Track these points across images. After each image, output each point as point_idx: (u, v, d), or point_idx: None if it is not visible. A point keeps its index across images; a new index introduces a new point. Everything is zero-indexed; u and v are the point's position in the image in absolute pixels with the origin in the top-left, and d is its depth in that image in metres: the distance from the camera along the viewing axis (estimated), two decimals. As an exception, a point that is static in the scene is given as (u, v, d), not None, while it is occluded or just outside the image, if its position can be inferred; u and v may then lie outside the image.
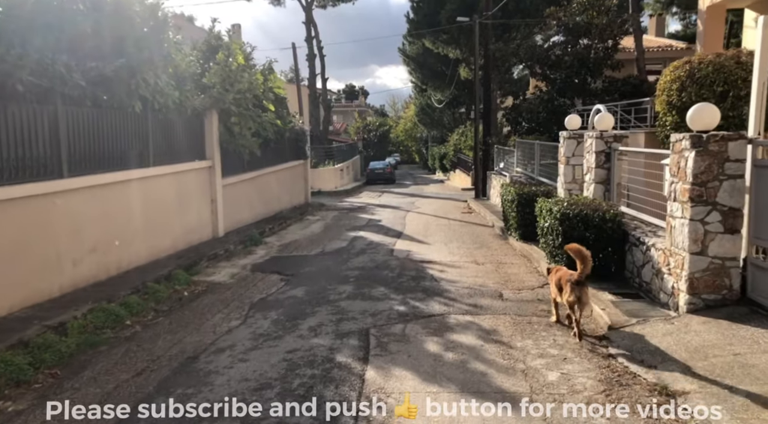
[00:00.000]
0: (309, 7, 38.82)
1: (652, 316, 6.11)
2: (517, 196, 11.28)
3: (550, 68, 19.11)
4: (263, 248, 12.33)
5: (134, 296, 7.56)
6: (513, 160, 18.33)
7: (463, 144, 34.93)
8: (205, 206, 12.24)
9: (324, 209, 20.70)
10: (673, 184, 6.20)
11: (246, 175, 14.77)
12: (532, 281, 8.69)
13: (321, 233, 14.62)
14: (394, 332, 6.30)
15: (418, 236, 13.49)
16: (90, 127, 8.13)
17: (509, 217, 12.11)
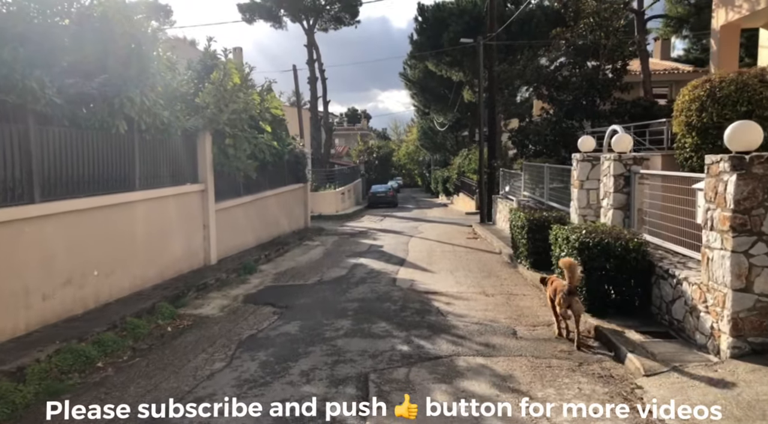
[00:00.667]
0: (311, 30, 38.74)
1: (689, 361, 5.38)
2: (527, 223, 10.60)
3: (557, 90, 18.57)
4: (258, 276, 11.62)
5: (110, 333, 6.86)
6: (520, 183, 17.69)
7: (467, 167, 34.39)
8: (197, 232, 11.58)
9: (324, 234, 20.04)
10: (710, 212, 5.53)
11: (242, 199, 14.15)
12: (547, 315, 7.95)
13: (320, 259, 13.92)
14: (396, 377, 5.57)
15: (422, 264, 12.78)
16: (67, 148, 7.50)
17: (519, 244, 11.41)
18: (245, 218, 14.42)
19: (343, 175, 39.84)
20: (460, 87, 35.65)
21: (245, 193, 14.44)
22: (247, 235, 14.58)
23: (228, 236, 13.12)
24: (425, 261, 13.16)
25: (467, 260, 13.30)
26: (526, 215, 10.83)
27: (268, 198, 16.59)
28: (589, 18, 18.41)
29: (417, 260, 13.41)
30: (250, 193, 14.76)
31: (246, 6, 38.52)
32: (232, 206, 13.40)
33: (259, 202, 15.61)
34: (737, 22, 14.42)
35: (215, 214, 12.22)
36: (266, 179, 16.25)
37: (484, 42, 22.04)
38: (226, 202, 13.02)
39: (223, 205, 12.75)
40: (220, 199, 12.55)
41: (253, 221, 15.12)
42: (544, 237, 9.57)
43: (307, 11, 38.10)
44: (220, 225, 12.47)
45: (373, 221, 26.40)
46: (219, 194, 12.45)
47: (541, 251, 10.00)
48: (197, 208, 11.62)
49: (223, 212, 12.76)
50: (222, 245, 12.68)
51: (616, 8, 18.54)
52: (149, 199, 9.60)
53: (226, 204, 12.96)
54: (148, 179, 9.70)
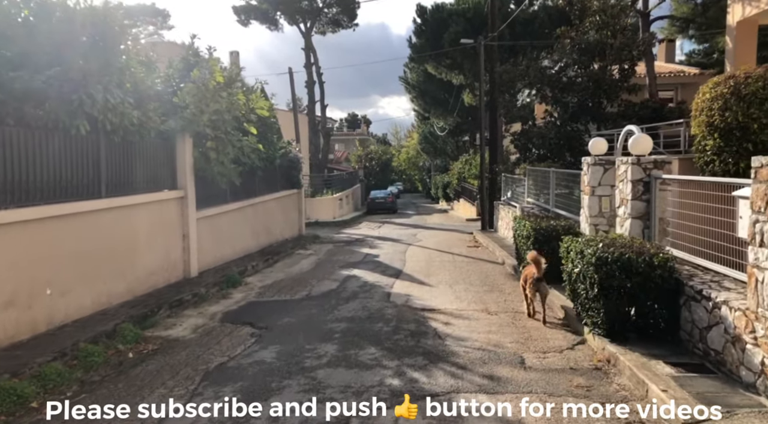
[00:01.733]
0: (308, 33, 37.91)
1: (738, 405, 4.46)
2: (533, 232, 9.70)
3: (561, 91, 17.68)
4: (242, 290, 10.71)
5: (57, 364, 5.94)
6: (523, 189, 16.78)
7: (467, 172, 33.48)
8: (176, 243, 10.68)
9: (318, 242, 19.14)
10: (759, 224, 4.62)
11: (228, 206, 13.26)
12: (558, 338, 7.06)
13: (311, 270, 13.02)
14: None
15: (420, 276, 11.87)
16: (12, 150, 6.60)
17: (524, 255, 10.50)
18: (232, 227, 13.54)
19: (341, 180, 38.97)
20: (461, 91, 34.77)
21: (232, 200, 13.56)
22: (235, 244, 13.70)
23: (212, 245, 12.24)
24: (423, 272, 12.26)
25: (468, 271, 12.39)
26: (533, 224, 9.93)
27: (259, 205, 15.71)
28: (595, 16, 17.58)
29: (414, 271, 12.51)
30: (237, 199, 13.88)
31: (241, 8, 37.74)
32: (216, 214, 12.52)
33: (248, 210, 14.73)
34: (755, 17, 13.57)
35: (197, 222, 11.32)
36: (256, 185, 15.38)
37: (485, 42, 21.20)
38: (210, 210, 12.14)
39: (206, 213, 11.87)
40: (203, 206, 11.66)
41: (242, 229, 14.23)
42: (553, 248, 8.67)
43: (304, 14, 37.30)
44: (202, 235, 11.59)
45: (371, 228, 25.50)
46: (202, 201, 11.56)
47: (549, 262, 9.10)
48: (176, 217, 10.72)
49: (206, 221, 11.87)
50: (205, 256, 11.79)
51: (623, 5, 17.70)
52: (117, 208, 8.70)
53: (209, 212, 12.08)
54: (118, 186, 8.81)
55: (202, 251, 11.58)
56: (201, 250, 11.52)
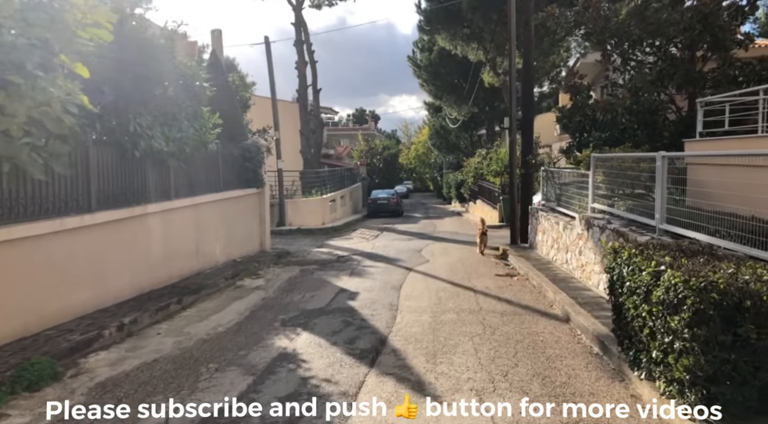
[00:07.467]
0: (299, 5, 32.26)
1: None
2: (695, 296, 3.90)
3: (635, 44, 11.82)
4: (34, 403, 5.05)
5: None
6: (583, 189, 10.90)
7: (486, 169, 27.58)
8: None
9: (282, 264, 13.49)
10: None
11: (84, 218, 7.64)
12: None
13: (229, 331, 7.35)
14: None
15: (418, 354, 6.17)
16: None
17: (647, 335, 4.72)
18: (95, 254, 7.89)
19: (337, 177, 33.02)
20: (478, 71, 28.83)
21: (100, 209, 7.97)
22: (106, 283, 8.06)
23: (31, 292, 6.62)
24: (424, 344, 6.56)
25: (507, 341, 6.65)
26: (698, 279, 4.06)
27: (171, 213, 10.09)
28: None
29: (409, 340, 6.79)
30: (113, 207, 8.29)
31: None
32: (47, 234, 6.89)
33: (137, 223, 9.08)
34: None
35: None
36: (163, 182, 9.79)
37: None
38: (30, 227, 6.52)
39: (17, 233, 6.26)
40: (14, 221, 6.06)
41: (124, 255, 8.60)
42: (747, 340, 2.99)
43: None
44: (6, 274, 5.98)
45: (364, 238, 19.82)
46: (10, 211, 5.96)
47: (732, 361, 3.39)
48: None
49: (16, 248, 6.26)
50: (16, 314, 6.18)
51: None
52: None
53: (26, 231, 6.46)
54: None
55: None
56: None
